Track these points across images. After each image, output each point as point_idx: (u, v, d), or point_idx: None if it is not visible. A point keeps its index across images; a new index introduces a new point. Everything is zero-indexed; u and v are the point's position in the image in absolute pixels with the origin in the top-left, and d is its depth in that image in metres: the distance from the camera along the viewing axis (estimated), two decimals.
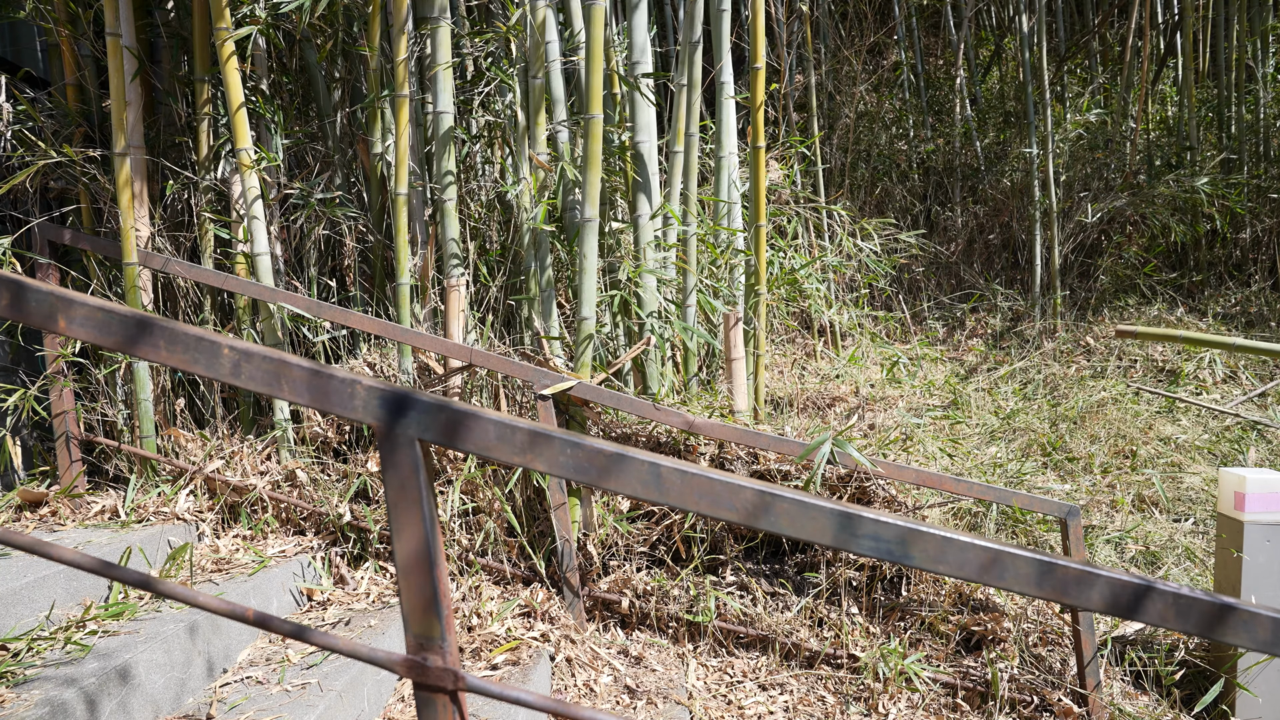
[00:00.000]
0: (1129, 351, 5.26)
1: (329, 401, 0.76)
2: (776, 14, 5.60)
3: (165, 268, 2.79)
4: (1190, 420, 4.60)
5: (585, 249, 2.66)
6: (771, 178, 4.53)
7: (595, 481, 0.74)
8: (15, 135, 2.93)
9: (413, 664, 0.76)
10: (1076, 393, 4.80)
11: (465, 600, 2.45)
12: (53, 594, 1.98)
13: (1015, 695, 2.36)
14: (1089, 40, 7.04)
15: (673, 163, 3.05)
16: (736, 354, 3.03)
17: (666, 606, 2.55)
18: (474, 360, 2.60)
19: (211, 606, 0.82)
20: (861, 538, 0.71)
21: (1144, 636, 2.76)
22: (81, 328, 0.77)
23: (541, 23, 2.83)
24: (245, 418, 2.93)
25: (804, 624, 2.51)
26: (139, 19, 2.95)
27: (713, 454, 2.71)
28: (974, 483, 2.44)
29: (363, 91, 3.27)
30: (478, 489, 2.64)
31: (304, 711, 1.73)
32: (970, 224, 6.17)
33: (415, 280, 2.95)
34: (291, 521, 2.67)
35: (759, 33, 2.87)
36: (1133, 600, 0.69)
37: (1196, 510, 3.80)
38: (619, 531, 2.61)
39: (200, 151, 2.99)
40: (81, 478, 2.78)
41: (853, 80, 6.34)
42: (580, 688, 2.25)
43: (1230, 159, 6.03)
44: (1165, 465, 4.16)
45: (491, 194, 3.29)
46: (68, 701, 1.52)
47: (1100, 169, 6.21)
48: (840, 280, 5.30)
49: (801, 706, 2.30)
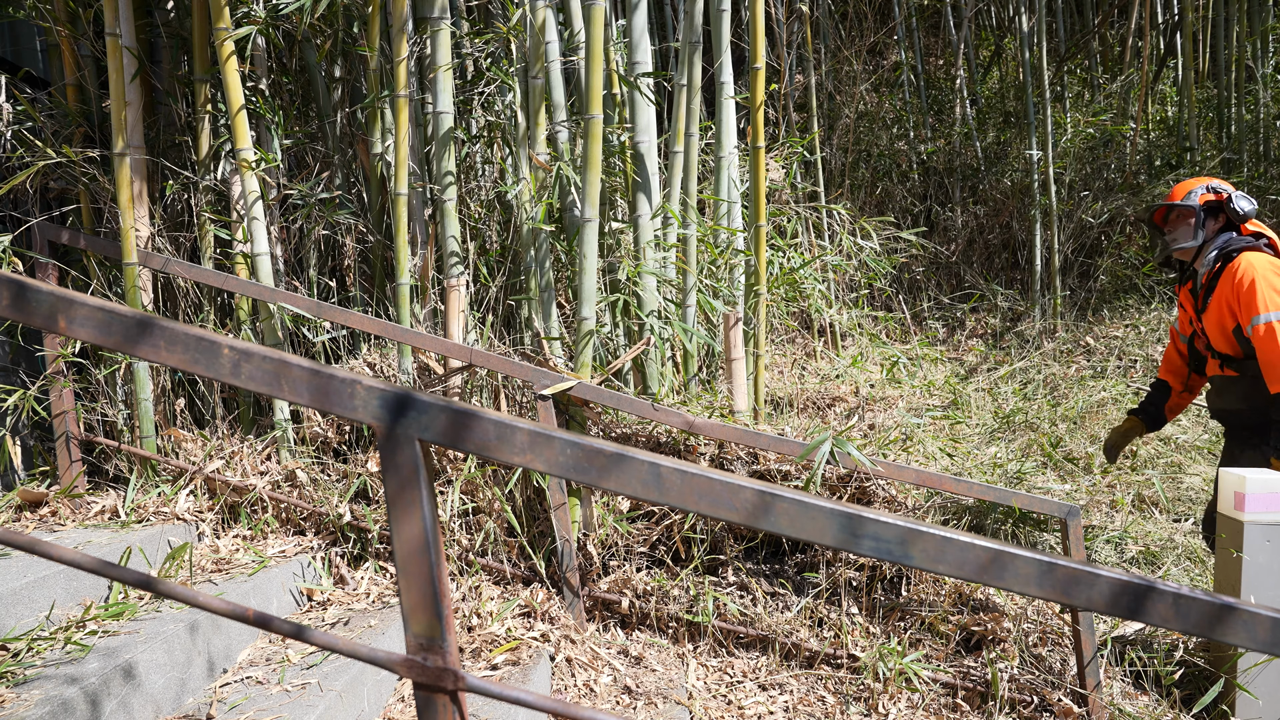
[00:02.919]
0: (1129, 351, 5.26)
1: (329, 401, 0.76)
2: (776, 14, 5.60)
3: (165, 268, 2.79)
4: (1190, 420, 4.60)
5: (585, 249, 2.66)
6: (771, 178, 4.53)
7: (595, 481, 0.74)
8: (15, 135, 2.93)
9: (413, 664, 0.76)
10: (1076, 393, 4.80)
11: (465, 600, 2.45)
12: (53, 594, 1.98)
13: (1015, 695, 2.36)
14: (1089, 40, 7.04)
15: (672, 163, 3.05)
16: (736, 354, 3.03)
17: (666, 606, 2.55)
18: (474, 360, 2.60)
19: (212, 606, 0.82)
20: (862, 538, 0.71)
21: (1144, 636, 2.76)
22: (82, 328, 0.77)
23: (541, 23, 2.83)
24: (245, 418, 2.93)
25: (804, 624, 2.51)
26: (139, 19, 2.95)
27: (713, 454, 2.71)
28: (974, 483, 2.44)
29: (363, 92, 3.27)
30: (478, 489, 2.64)
31: (304, 711, 1.73)
32: (970, 224, 6.17)
33: (415, 280, 2.95)
34: (291, 521, 2.67)
35: (759, 33, 2.87)
36: (1133, 600, 0.69)
37: (1196, 510, 3.80)
38: (619, 531, 2.61)
39: (200, 151, 2.99)
40: (81, 478, 2.78)
41: (853, 80, 6.34)
42: (580, 688, 2.25)
43: (1230, 159, 6.03)
44: (1165, 465, 4.16)
45: (491, 194, 3.29)
46: (68, 701, 1.52)
47: (1100, 169, 6.21)
48: (840, 280, 5.30)
49: (801, 706, 2.30)
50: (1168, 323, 5.41)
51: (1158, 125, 6.50)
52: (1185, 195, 2.94)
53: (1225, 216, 2.90)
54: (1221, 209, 2.89)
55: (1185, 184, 2.99)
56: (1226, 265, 2.78)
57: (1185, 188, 2.97)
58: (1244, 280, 2.67)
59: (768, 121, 5.61)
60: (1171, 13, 7.02)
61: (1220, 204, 2.89)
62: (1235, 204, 2.83)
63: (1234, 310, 2.71)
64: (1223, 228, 2.90)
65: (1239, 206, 2.82)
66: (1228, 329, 2.76)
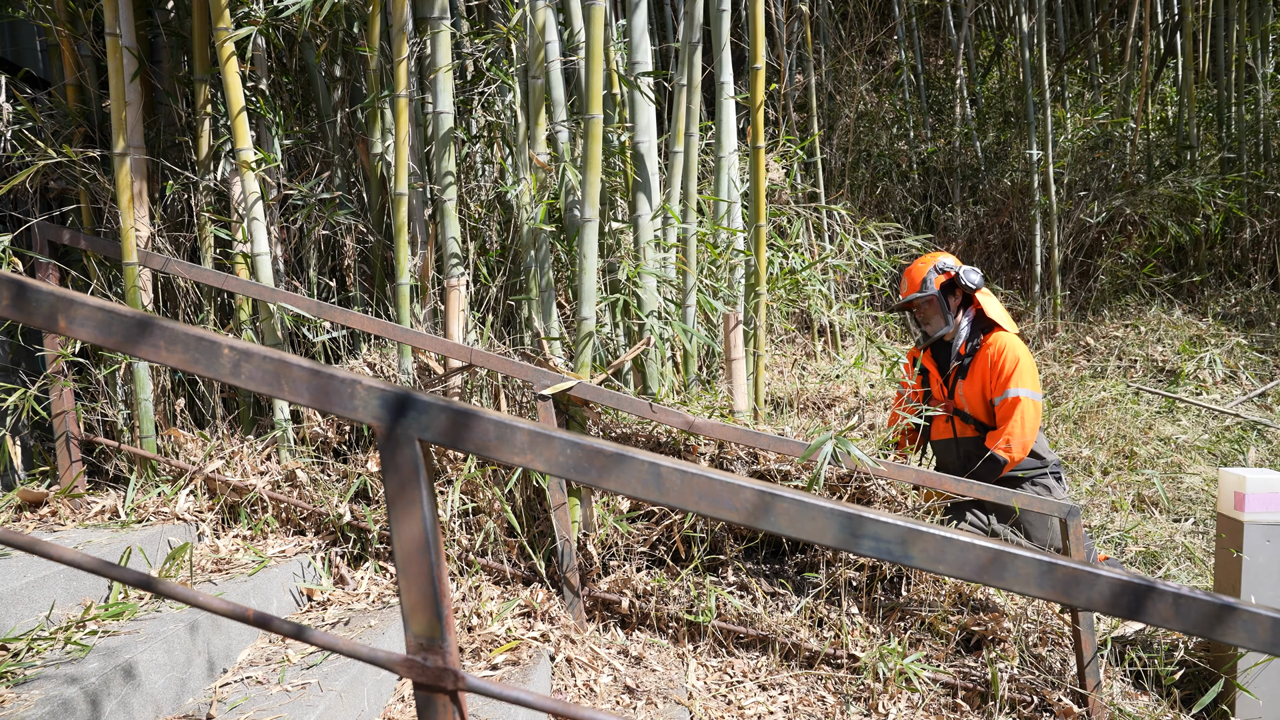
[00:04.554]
0: (1129, 351, 5.26)
1: (329, 401, 0.76)
2: (776, 14, 5.60)
3: (165, 268, 2.79)
4: (1190, 420, 4.60)
5: (585, 249, 2.66)
6: (772, 178, 4.53)
7: (595, 481, 0.74)
8: (15, 135, 2.93)
9: (413, 664, 0.76)
10: (1076, 393, 4.80)
11: (465, 600, 2.45)
12: (53, 594, 1.98)
13: (1015, 695, 2.36)
14: (1089, 40, 7.04)
15: (672, 163, 3.05)
16: (736, 354, 3.03)
17: (666, 606, 2.55)
18: (474, 360, 2.60)
19: (212, 606, 0.82)
20: (862, 538, 0.71)
21: (1144, 636, 2.76)
22: (82, 328, 0.77)
23: (541, 23, 2.83)
24: (245, 418, 2.93)
25: (804, 624, 2.51)
26: (139, 19, 2.95)
27: (713, 454, 2.71)
28: (974, 483, 2.44)
29: (363, 92, 3.27)
30: (478, 489, 2.64)
31: (304, 711, 1.73)
32: (970, 224, 6.17)
33: (415, 280, 2.95)
34: (291, 521, 2.67)
35: (759, 33, 2.87)
36: (1133, 600, 0.69)
37: (1196, 510, 3.80)
38: (619, 531, 2.61)
39: (200, 152, 2.99)
40: (81, 478, 2.78)
41: (853, 80, 6.34)
42: (580, 688, 2.25)
43: (1230, 159, 6.03)
44: (1165, 465, 4.16)
45: (491, 194, 3.29)
46: (68, 701, 1.52)
47: (1100, 169, 6.21)
48: (841, 280, 5.30)
49: (801, 706, 2.30)
50: (1167, 322, 5.41)
51: (1158, 125, 6.50)
52: (921, 285, 3.25)
53: (960, 290, 3.20)
54: (956, 284, 3.20)
55: (914, 271, 3.29)
56: (983, 340, 3.10)
57: (918, 275, 3.26)
58: (1005, 358, 2.99)
59: (768, 121, 5.61)
60: (1171, 12, 7.02)
61: (954, 281, 3.20)
62: (965, 279, 3.13)
63: (989, 382, 3.03)
64: (961, 301, 3.22)
65: (969, 281, 3.13)
66: (986, 398, 3.06)
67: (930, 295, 3.21)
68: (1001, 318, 3.13)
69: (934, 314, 3.25)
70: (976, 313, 3.18)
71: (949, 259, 3.25)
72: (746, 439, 2.47)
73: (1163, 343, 5.28)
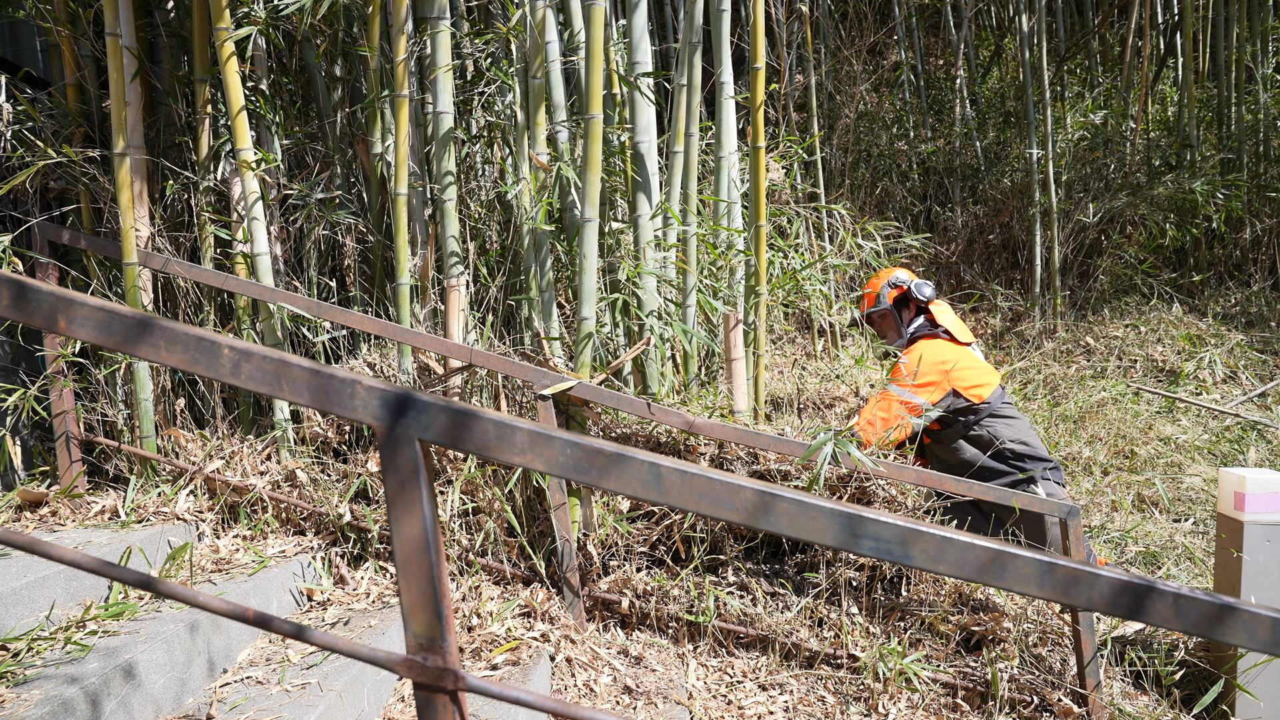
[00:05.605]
0: (1129, 351, 5.26)
1: (329, 401, 0.76)
2: (776, 14, 5.60)
3: (165, 268, 2.79)
4: (1190, 420, 4.60)
5: (585, 249, 2.66)
6: (772, 178, 4.53)
7: (595, 481, 0.74)
8: (15, 135, 2.93)
9: (413, 664, 0.76)
10: (1076, 393, 4.80)
11: (465, 600, 2.45)
12: (53, 594, 1.98)
13: (1015, 695, 2.36)
14: (1089, 40, 7.04)
15: (672, 163, 3.05)
16: (736, 354, 3.03)
17: (666, 606, 2.55)
18: (474, 360, 2.60)
19: (212, 606, 0.82)
20: (862, 538, 0.71)
21: (1144, 636, 2.76)
22: (82, 328, 0.77)
23: (541, 23, 2.83)
24: (245, 418, 2.93)
25: (804, 624, 2.51)
26: (139, 19, 2.95)
27: (713, 454, 2.71)
28: (974, 483, 2.44)
29: (363, 92, 3.27)
30: (478, 489, 2.64)
31: (304, 711, 1.73)
32: (970, 224, 6.16)
33: (415, 280, 2.95)
34: (291, 521, 2.67)
35: (759, 33, 2.87)
36: (1133, 600, 0.69)
37: (1196, 510, 3.80)
38: (619, 531, 2.60)
39: (200, 152, 2.99)
40: (81, 478, 2.78)
41: (853, 80, 6.33)
42: (580, 688, 2.25)
43: (1230, 159, 6.03)
44: (1165, 465, 4.16)
45: (491, 194, 3.29)
46: (68, 701, 1.52)
47: (1100, 169, 6.21)
48: (841, 280, 5.30)
49: (801, 706, 2.30)
50: (1167, 322, 5.41)
51: (1158, 125, 6.50)
52: (876, 300, 3.38)
53: (914, 303, 3.31)
54: (909, 298, 3.31)
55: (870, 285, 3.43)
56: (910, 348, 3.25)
57: (873, 290, 3.39)
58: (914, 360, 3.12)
59: (768, 121, 5.60)
60: (1171, 13, 7.02)
61: (906, 295, 3.32)
62: (917, 292, 3.25)
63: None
64: (915, 314, 3.33)
65: (921, 294, 3.24)
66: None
67: (884, 309, 3.33)
68: (953, 325, 3.22)
69: (889, 328, 3.37)
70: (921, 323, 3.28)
71: (903, 274, 3.36)
72: (746, 439, 2.47)
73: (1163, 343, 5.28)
